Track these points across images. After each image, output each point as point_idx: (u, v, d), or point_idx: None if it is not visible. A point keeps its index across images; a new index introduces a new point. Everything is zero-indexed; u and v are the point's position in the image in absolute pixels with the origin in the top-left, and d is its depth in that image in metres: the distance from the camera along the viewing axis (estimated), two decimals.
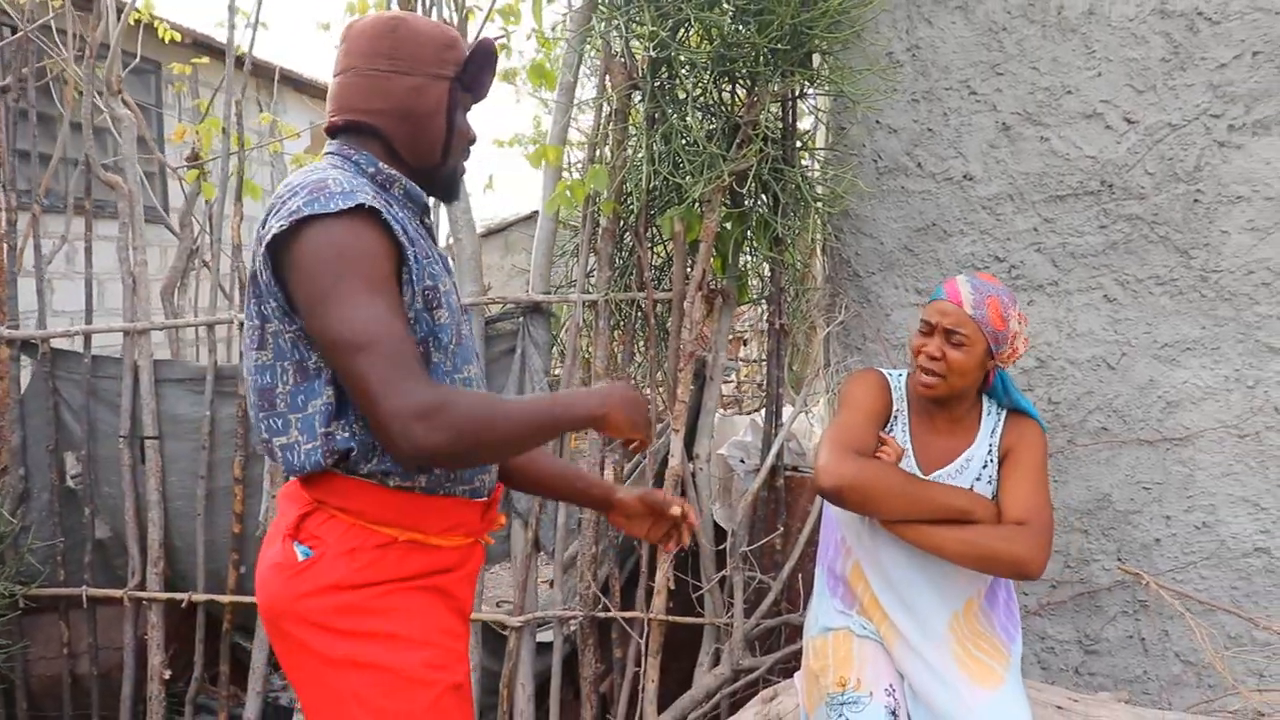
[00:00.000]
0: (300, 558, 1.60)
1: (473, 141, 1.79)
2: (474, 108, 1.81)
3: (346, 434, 1.60)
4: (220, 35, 3.80)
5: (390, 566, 1.62)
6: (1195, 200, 2.75)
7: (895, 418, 2.25)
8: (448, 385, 1.49)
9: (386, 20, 1.69)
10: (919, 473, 2.19)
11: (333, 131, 1.72)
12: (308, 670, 1.61)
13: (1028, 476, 2.14)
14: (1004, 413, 2.26)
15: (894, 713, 2.10)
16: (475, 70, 1.74)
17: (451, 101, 1.71)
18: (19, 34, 3.46)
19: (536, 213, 3.20)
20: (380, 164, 1.68)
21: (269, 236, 1.50)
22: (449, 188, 1.80)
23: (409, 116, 1.68)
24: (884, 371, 2.30)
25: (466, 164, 1.81)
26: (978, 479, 2.19)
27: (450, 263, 1.84)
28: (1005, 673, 2.12)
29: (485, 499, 1.76)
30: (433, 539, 1.66)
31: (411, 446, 1.42)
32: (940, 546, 2.04)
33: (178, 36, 5.33)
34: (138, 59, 4.62)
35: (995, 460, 2.21)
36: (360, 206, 1.50)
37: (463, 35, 3.11)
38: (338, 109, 1.70)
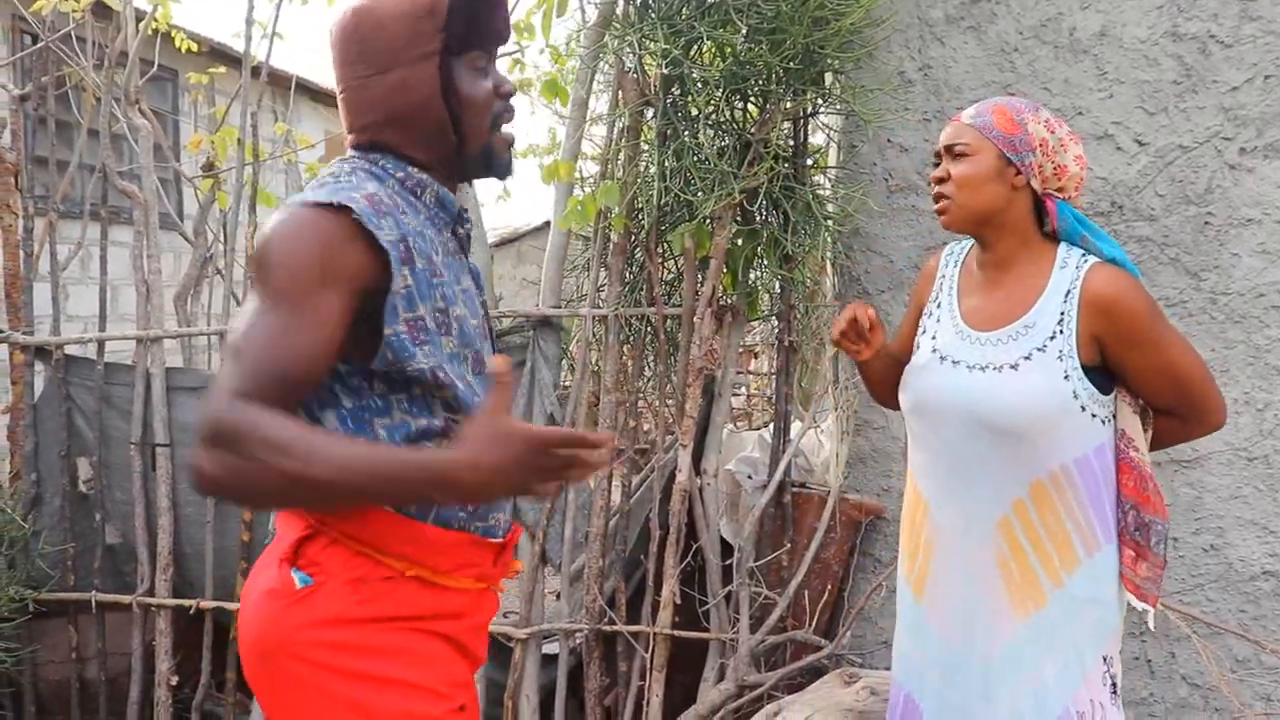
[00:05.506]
0: (298, 585, 1.43)
1: (506, 96, 1.55)
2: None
3: None
4: (237, 45, 3.83)
5: (397, 603, 1.45)
6: (1206, 223, 2.75)
7: (940, 284, 2.00)
8: (268, 416, 1.23)
9: (346, 19, 1.49)
10: (972, 333, 1.87)
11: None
12: (303, 712, 1.44)
13: (1156, 350, 1.76)
14: (1084, 269, 1.79)
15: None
16: (465, 24, 1.48)
17: (445, 78, 1.48)
18: (40, 44, 3.50)
19: (548, 223, 3.21)
20: (409, 168, 1.51)
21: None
22: (487, 166, 1.57)
23: (400, 117, 1.49)
24: (949, 245, 2.09)
25: (508, 127, 1.57)
26: (1041, 350, 1.77)
27: (481, 279, 1.68)
28: (1055, 588, 1.79)
29: (500, 540, 1.59)
30: (441, 577, 1.49)
31: (193, 468, 1.24)
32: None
33: (195, 46, 5.36)
34: (155, 67, 4.65)
35: (1072, 332, 1.76)
36: (335, 205, 1.35)
37: None
38: (348, 132, 1.55)
